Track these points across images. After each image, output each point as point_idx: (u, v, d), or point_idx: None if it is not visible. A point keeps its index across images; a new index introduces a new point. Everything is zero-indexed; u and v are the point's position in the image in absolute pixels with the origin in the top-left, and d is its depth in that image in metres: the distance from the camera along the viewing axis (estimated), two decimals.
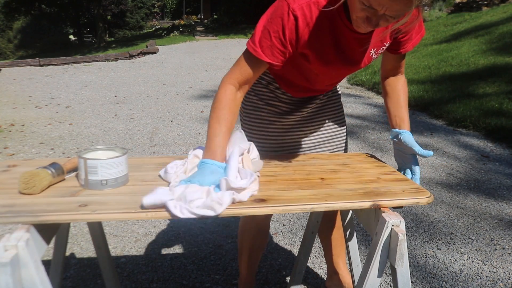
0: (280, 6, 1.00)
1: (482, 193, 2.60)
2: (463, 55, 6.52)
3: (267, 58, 1.03)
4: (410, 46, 1.18)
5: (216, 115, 1.03)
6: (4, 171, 1.04)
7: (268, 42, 1.02)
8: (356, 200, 0.92)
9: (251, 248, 1.53)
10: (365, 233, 2.15)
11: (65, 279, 1.77)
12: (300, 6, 0.99)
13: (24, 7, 22.69)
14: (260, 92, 1.33)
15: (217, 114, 1.03)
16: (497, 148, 3.42)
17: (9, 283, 0.73)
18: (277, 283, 1.77)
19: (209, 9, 29.51)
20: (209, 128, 1.03)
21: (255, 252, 1.54)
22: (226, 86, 1.05)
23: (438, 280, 1.77)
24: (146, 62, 9.58)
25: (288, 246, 2.05)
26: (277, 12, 1.01)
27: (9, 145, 3.63)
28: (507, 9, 9.08)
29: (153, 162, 1.14)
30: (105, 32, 25.11)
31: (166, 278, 1.79)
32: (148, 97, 5.65)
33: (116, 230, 2.19)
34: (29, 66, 9.13)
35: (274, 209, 0.88)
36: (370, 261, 0.91)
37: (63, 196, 0.90)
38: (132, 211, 0.83)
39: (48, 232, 0.88)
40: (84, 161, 0.93)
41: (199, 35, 17.09)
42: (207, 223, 2.26)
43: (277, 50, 1.03)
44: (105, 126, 4.23)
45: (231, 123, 1.04)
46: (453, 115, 4.22)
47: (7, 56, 29.25)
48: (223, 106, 1.03)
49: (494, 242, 2.05)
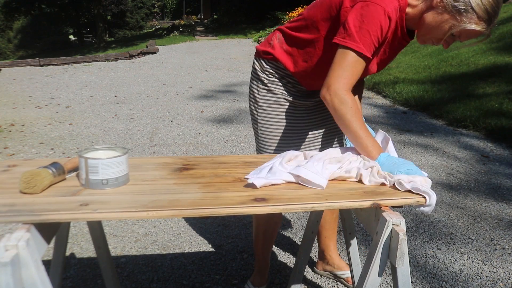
0: (375, 9, 1.11)
1: (482, 193, 2.60)
2: (463, 55, 6.52)
3: (368, 53, 1.13)
4: None
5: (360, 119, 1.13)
6: (4, 171, 1.04)
7: (368, 41, 1.11)
8: (356, 199, 0.92)
9: (265, 232, 1.62)
10: (365, 233, 2.15)
11: (65, 279, 1.77)
12: (393, 10, 1.13)
13: (24, 7, 22.70)
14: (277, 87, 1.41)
15: (360, 118, 1.14)
16: (497, 148, 3.42)
17: (9, 283, 0.73)
18: (277, 283, 1.78)
19: (209, 9, 29.53)
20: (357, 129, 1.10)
21: (269, 236, 1.64)
22: (347, 94, 1.12)
23: (438, 280, 1.77)
24: (146, 62, 9.58)
25: (288, 246, 2.05)
26: (374, 14, 1.11)
27: (9, 145, 3.63)
28: (507, 9, 9.08)
29: (153, 162, 1.14)
30: (105, 32, 25.14)
31: (166, 278, 1.79)
32: (148, 97, 5.65)
33: (116, 230, 2.19)
34: (29, 66, 9.13)
35: (274, 208, 0.89)
36: (371, 261, 0.91)
37: (64, 196, 0.90)
38: (132, 210, 0.83)
39: (49, 232, 0.88)
40: (85, 161, 0.93)
41: (199, 35, 17.10)
42: (207, 223, 2.26)
43: (373, 47, 1.14)
44: (105, 126, 4.23)
45: None
46: (453, 115, 4.22)
47: (7, 56, 29.26)
48: (358, 109, 1.14)
49: (494, 242, 2.05)
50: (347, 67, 1.12)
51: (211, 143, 3.69)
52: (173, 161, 1.16)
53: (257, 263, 1.71)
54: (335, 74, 1.12)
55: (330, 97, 1.12)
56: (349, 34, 1.11)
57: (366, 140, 1.08)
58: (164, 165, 1.12)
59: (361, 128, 1.09)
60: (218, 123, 4.33)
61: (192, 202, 0.88)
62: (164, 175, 1.05)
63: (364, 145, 1.08)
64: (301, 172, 0.99)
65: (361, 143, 1.09)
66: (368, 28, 1.10)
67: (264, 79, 1.41)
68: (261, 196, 0.92)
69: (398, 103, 5.08)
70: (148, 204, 0.86)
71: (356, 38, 1.11)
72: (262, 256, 1.68)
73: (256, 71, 1.44)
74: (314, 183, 0.98)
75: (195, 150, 3.50)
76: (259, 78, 1.42)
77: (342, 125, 1.13)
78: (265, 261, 1.70)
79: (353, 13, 1.12)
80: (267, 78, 1.41)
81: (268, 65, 1.40)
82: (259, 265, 1.71)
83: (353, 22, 1.11)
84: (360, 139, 1.09)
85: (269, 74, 1.40)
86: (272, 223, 1.61)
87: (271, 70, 1.40)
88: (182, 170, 1.08)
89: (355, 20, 1.11)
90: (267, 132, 1.43)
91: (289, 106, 1.41)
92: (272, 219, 1.60)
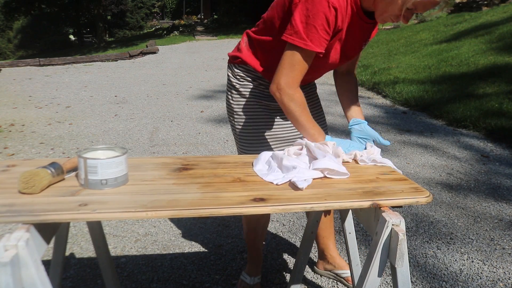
0: (319, 2, 1.11)
1: (482, 193, 2.60)
2: (463, 55, 6.52)
3: (318, 48, 1.15)
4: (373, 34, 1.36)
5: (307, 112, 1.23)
6: (3, 171, 1.04)
7: (316, 35, 1.13)
8: (355, 199, 0.92)
9: (256, 228, 1.66)
10: (365, 233, 2.15)
11: (65, 279, 1.77)
12: None
13: (24, 7, 22.69)
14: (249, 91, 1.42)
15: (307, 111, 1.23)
16: (497, 148, 3.42)
17: (9, 283, 0.73)
18: (277, 283, 1.78)
19: (209, 9, 29.52)
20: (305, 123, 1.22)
21: (260, 230, 1.67)
22: (296, 91, 1.20)
23: (438, 280, 1.77)
24: (146, 62, 9.58)
25: (288, 246, 2.05)
26: (318, 8, 1.11)
27: (9, 145, 3.63)
28: (507, 9, 9.08)
29: (153, 162, 1.14)
30: (105, 32, 25.14)
31: (166, 278, 1.79)
32: (148, 97, 5.65)
33: (116, 230, 2.19)
34: (29, 66, 9.13)
35: (274, 208, 0.89)
36: (370, 261, 0.91)
37: (63, 196, 0.90)
38: (131, 210, 0.83)
39: (48, 232, 0.88)
40: (84, 161, 0.93)
41: (199, 35, 17.09)
42: (207, 223, 2.26)
43: (324, 40, 1.16)
44: (105, 126, 4.23)
45: None
46: (453, 115, 4.22)
47: (7, 56, 29.28)
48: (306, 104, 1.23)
49: (494, 242, 2.05)
50: (295, 65, 1.17)
51: (211, 143, 3.69)
52: (172, 161, 1.16)
53: (250, 254, 1.73)
54: (283, 72, 1.18)
55: (280, 94, 1.20)
56: (296, 31, 1.14)
57: (312, 130, 1.22)
58: (164, 165, 1.12)
59: (307, 121, 1.22)
60: (218, 123, 4.33)
61: (192, 202, 0.88)
62: (164, 175, 1.05)
63: (311, 134, 1.21)
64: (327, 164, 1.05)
65: (308, 133, 1.22)
66: (314, 23, 1.12)
67: (236, 85, 1.43)
68: (260, 196, 0.92)
69: (398, 103, 5.08)
70: (147, 204, 0.86)
71: (303, 36, 1.13)
72: (254, 248, 1.70)
73: (229, 78, 1.47)
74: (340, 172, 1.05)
75: (195, 150, 3.50)
76: (232, 84, 1.45)
77: (291, 119, 1.23)
78: (258, 252, 1.72)
79: (299, 8, 1.14)
80: (239, 83, 1.43)
81: (239, 69, 1.42)
82: (252, 256, 1.73)
83: (300, 17, 1.13)
84: (308, 129, 1.22)
85: (240, 78, 1.42)
86: (262, 220, 1.65)
87: (242, 73, 1.42)
88: (182, 170, 1.08)
89: (301, 16, 1.13)
90: (246, 136, 1.45)
91: (264, 109, 1.42)
92: (262, 216, 1.64)
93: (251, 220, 1.65)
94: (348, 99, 1.42)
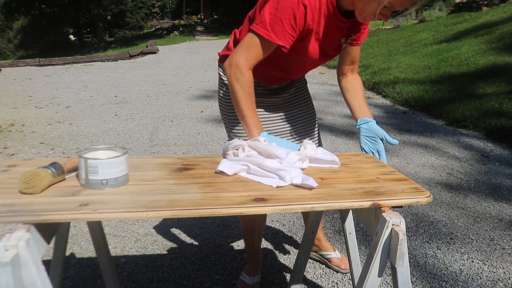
0: None
1: (482, 193, 2.60)
2: (463, 55, 6.52)
3: (281, 41, 1.15)
4: (365, 36, 1.38)
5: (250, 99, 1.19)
6: (4, 171, 1.04)
7: (280, 28, 1.14)
8: (356, 199, 0.92)
9: (253, 228, 1.67)
10: (365, 233, 2.15)
11: (65, 279, 1.77)
12: None
13: (24, 7, 22.69)
14: None
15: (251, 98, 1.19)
16: (497, 148, 3.42)
17: (9, 283, 0.73)
18: (277, 283, 1.78)
19: (209, 9, 29.53)
20: (245, 108, 1.18)
21: (257, 230, 1.69)
22: (246, 71, 1.18)
23: (438, 280, 1.77)
24: (146, 62, 9.58)
25: (288, 246, 2.05)
26: (287, 3, 1.12)
27: (9, 145, 3.63)
28: (507, 9, 9.08)
29: (153, 162, 1.14)
30: (105, 32, 25.14)
31: (166, 278, 1.79)
32: (148, 97, 5.65)
33: (116, 230, 2.19)
34: (29, 66, 9.13)
35: (274, 208, 0.89)
36: (370, 261, 0.91)
37: (63, 196, 0.90)
38: (132, 210, 0.83)
39: (48, 232, 0.88)
40: (85, 161, 0.93)
41: (199, 35, 17.10)
42: (207, 223, 2.26)
43: (289, 35, 1.16)
44: (105, 126, 4.23)
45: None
46: (453, 115, 4.22)
47: (7, 56, 29.27)
48: (252, 90, 1.19)
49: (494, 242, 2.05)
50: (251, 48, 1.17)
51: (211, 143, 3.69)
52: (173, 161, 1.16)
53: (249, 254, 1.74)
54: (239, 50, 1.19)
55: (230, 71, 1.19)
56: (262, 21, 1.15)
57: (250, 119, 1.19)
58: (164, 165, 1.12)
59: (247, 107, 1.18)
60: (218, 123, 4.33)
61: (192, 202, 0.88)
62: (164, 175, 1.05)
63: (248, 123, 1.19)
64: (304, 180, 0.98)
65: (245, 121, 1.19)
66: (281, 16, 1.13)
67: (226, 82, 1.45)
68: (260, 196, 0.92)
69: (398, 103, 5.08)
70: (147, 204, 0.86)
71: (267, 26, 1.14)
72: (253, 248, 1.72)
73: (220, 76, 1.49)
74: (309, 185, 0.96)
75: (195, 150, 3.50)
76: (223, 83, 1.47)
77: (233, 100, 1.21)
78: (257, 252, 1.73)
79: (271, 1, 1.16)
80: None
81: None
82: (251, 256, 1.74)
83: (269, 9, 1.15)
84: (246, 118, 1.19)
85: None
86: (258, 220, 1.66)
87: None
88: (182, 170, 1.08)
89: (271, 8, 1.15)
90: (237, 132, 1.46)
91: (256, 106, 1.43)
92: (258, 216, 1.65)
93: (247, 220, 1.66)
94: (354, 99, 1.43)
